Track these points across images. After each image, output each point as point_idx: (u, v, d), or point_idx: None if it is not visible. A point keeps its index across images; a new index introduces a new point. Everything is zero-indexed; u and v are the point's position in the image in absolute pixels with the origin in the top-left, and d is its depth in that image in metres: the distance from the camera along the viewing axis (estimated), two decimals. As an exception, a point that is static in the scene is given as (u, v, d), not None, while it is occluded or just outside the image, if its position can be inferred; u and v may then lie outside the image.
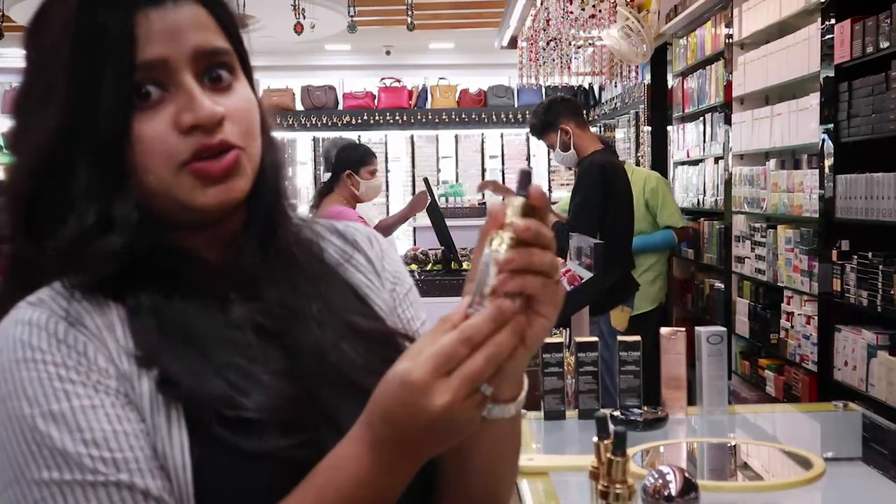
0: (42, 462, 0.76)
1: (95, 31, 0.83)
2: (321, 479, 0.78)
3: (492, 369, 0.73)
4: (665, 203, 4.83)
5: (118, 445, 0.78)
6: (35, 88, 0.88)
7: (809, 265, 3.77)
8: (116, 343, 0.82)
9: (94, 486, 0.76)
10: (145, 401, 0.80)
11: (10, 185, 0.87)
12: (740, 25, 4.68)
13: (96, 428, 0.77)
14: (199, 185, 0.86)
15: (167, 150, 0.84)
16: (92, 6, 0.84)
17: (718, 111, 5.05)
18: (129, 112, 0.84)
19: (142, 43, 0.84)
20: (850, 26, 3.27)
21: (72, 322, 0.81)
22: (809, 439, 1.84)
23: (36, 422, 0.77)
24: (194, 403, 0.80)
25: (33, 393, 0.77)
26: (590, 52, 6.28)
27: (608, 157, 4.14)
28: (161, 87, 0.85)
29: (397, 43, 9.25)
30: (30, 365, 0.78)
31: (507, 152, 10.29)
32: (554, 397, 1.79)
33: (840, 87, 3.37)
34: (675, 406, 1.75)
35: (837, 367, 3.46)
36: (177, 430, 0.80)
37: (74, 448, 0.76)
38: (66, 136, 0.84)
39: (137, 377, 0.81)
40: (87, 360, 0.80)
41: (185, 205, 0.86)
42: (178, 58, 0.85)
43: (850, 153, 3.38)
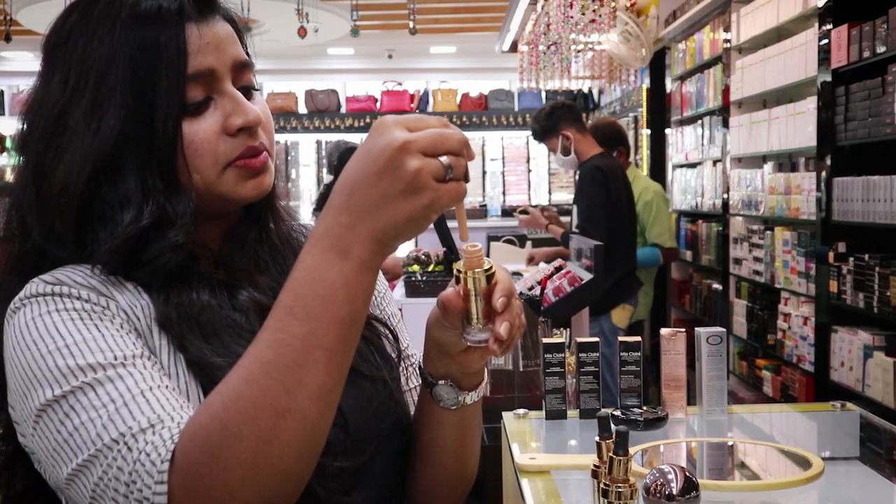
0: (72, 377, 0.81)
1: (151, 44, 0.90)
2: (279, 304, 0.77)
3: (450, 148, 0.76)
4: (657, 220, 4.63)
5: (142, 362, 0.84)
6: (84, 97, 0.91)
7: (806, 267, 3.77)
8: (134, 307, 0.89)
9: (121, 376, 0.81)
10: (163, 354, 0.88)
11: (62, 187, 0.91)
12: (738, 30, 4.68)
13: (123, 347, 0.84)
14: (241, 180, 0.95)
15: (215, 152, 0.93)
16: (144, 21, 0.90)
17: (716, 115, 5.05)
18: (181, 118, 0.91)
19: (192, 55, 0.91)
20: (846, 31, 3.27)
21: (90, 290, 0.88)
22: (807, 439, 1.84)
23: (70, 349, 0.83)
24: (207, 376, 0.87)
25: (66, 329, 0.84)
26: (589, 56, 6.28)
27: (606, 161, 4.16)
28: (208, 95, 0.93)
29: (399, 47, 9.26)
30: (61, 313, 0.85)
31: (508, 155, 10.29)
32: (555, 397, 1.79)
33: (837, 91, 3.37)
34: (674, 406, 1.75)
35: (834, 367, 3.46)
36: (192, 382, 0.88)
37: (105, 360, 0.82)
38: (125, 141, 0.90)
39: (156, 332, 0.89)
40: (110, 312, 0.87)
41: (228, 198, 0.95)
42: (223, 68, 0.94)
43: (847, 156, 3.38)
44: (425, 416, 1.04)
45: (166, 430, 0.78)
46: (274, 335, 0.76)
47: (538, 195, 10.04)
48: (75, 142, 0.91)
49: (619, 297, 3.99)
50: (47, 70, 0.95)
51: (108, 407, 0.79)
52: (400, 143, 0.74)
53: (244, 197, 0.96)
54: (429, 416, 1.03)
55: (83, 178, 0.90)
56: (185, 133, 0.91)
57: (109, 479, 0.77)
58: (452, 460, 1.06)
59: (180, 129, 0.91)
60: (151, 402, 0.80)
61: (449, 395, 1.00)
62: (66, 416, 0.80)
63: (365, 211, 0.76)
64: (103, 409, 0.79)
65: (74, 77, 0.92)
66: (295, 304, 0.76)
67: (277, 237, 1.04)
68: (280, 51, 8.45)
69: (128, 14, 0.91)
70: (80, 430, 0.79)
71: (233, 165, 0.94)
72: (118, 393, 0.80)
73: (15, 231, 0.96)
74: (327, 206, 0.78)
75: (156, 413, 0.79)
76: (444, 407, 1.01)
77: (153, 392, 0.81)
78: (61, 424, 0.80)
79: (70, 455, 0.79)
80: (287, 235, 1.06)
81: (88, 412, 0.79)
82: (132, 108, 0.90)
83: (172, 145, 0.91)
